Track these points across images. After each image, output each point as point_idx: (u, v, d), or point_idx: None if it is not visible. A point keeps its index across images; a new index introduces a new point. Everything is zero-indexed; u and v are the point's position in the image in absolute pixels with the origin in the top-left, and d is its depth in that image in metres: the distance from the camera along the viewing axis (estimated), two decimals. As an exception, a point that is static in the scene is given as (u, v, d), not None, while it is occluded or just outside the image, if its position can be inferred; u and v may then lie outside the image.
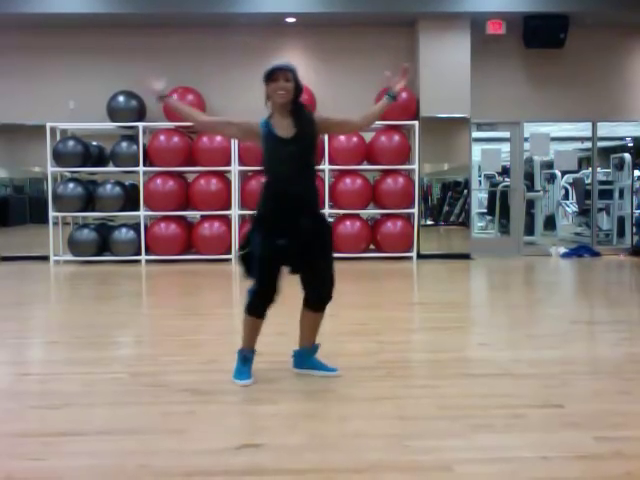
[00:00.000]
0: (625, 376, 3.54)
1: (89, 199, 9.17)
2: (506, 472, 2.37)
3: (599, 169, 10.96)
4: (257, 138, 3.40)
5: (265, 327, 4.98)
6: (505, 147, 10.32)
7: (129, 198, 9.20)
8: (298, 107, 3.38)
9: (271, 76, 3.29)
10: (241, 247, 3.47)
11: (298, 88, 3.35)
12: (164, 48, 9.56)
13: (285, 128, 3.34)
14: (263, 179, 3.45)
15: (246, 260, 3.41)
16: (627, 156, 11.12)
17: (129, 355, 4.22)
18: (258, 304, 3.41)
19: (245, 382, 3.41)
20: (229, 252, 9.08)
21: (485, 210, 12.06)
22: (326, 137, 8.73)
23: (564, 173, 12.57)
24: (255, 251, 3.33)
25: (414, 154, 9.30)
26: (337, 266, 3.50)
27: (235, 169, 9.08)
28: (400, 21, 9.46)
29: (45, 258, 9.17)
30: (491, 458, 2.49)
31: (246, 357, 3.50)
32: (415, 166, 9.27)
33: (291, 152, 3.31)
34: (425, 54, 9.35)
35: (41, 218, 9.31)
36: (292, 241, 3.31)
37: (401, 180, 9.16)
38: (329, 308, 3.56)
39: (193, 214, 9.46)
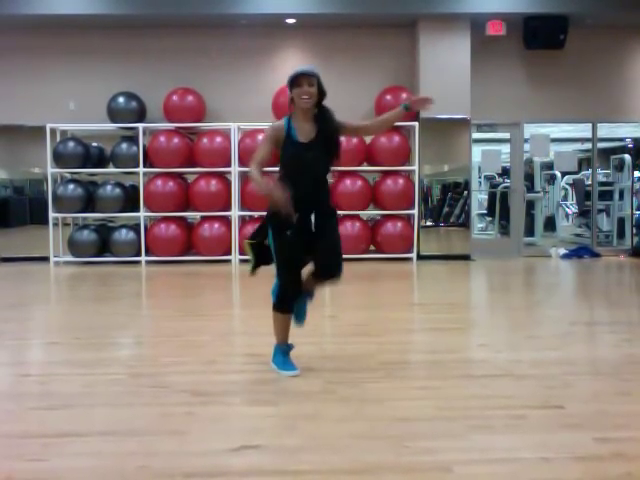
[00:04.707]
0: (625, 377, 3.54)
1: (89, 200, 9.18)
2: (506, 473, 2.37)
3: (599, 170, 10.96)
4: (281, 142, 3.45)
5: (265, 328, 4.97)
6: (505, 148, 10.32)
7: (129, 199, 9.20)
8: (321, 111, 3.47)
9: (295, 81, 3.37)
10: (252, 236, 3.56)
11: (322, 93, 3.44)
12: (164, 49, 9.56)
13: (306, 133, 3.43)
14: (277, 176, 3.48)
15: (256, 250, 3.52)
16: (627, 157, 11.12)
17: (129, 356, 4.22)
18: (285, 300, 3.48)
19: (294, 372, 3.53)
20: (229, 253, 9.08)
21: (485, 211, 12.06)
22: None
23: (564, 174, 12.57)
24: (275, 249, 3.43)
25: (414, 155, 9.30)
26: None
27: (235, 170, 9.08)
28: (400, 22, 9.46)
29: (45, 259, 9.18)
30: (491, 459, 2.49)
31: (285, 351, 3.61)
32: (415, 167, 9.27)
33: (309, 157, 3.41)
34: (425, 55, 9.35)
35: (41, 219, 9.31)
36: (300, 233, 3.41)
37: (401, 181, 9.17)
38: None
39: (193, 215, 9.47)
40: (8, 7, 8.80)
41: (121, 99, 9.25)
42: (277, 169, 3.51)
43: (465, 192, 9.75)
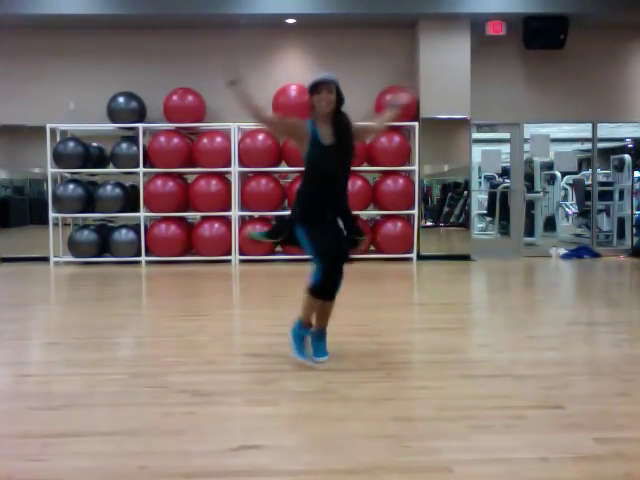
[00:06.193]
0: (624, 377, 3.54)
1: (89, 200, 9.17)
2: (505, 473, 2.37)
3: (599, 170, 10.96)
4: (303, 139, 3.67)
5: (265, 328, 4.98)
6: (505, 148, 10.32)
7: (129, 199, 9.20)
8: (339, 116, 3.71)
9: (315, 89, 3.61)
10: (271, 235, 3.94)
11: (340, 99, 3.68)
12: (164, 49, 9.56)
13: (328, 136, 3.65)
14: (303, 178, 3.81)
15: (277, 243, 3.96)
16: (627, 157, 11.12)
17: (129, 356, 4.22)
18: (323, 289, 3.68)
19: (323, 358, 3.77)
20: (229, 253, 9.08)
21: (485, 211, 12.06)
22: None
23: (564, 174, 12.57)
24: (313, 244, 3.63)
25: (414, 155, 9.30)
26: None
27: (235, 170, 9.08)
28: (400, 22, 9.46)
29: (45, 259, 9.17)
30: (491, 459, 2.49)
31: (303, 335, 3.82)
32: (415, 167, 9.27)
33: (335, 161, 3.65)
34: (425, 55, 9.35)
35: (41, 219, 9.31)
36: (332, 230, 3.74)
37: (401, 181, 9.17)
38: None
39: (193, 215, 9.47)
40: (8, 7, 8.80)
41: (121, 99, 9.25)
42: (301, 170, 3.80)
43: (465, 192, 9.75)
